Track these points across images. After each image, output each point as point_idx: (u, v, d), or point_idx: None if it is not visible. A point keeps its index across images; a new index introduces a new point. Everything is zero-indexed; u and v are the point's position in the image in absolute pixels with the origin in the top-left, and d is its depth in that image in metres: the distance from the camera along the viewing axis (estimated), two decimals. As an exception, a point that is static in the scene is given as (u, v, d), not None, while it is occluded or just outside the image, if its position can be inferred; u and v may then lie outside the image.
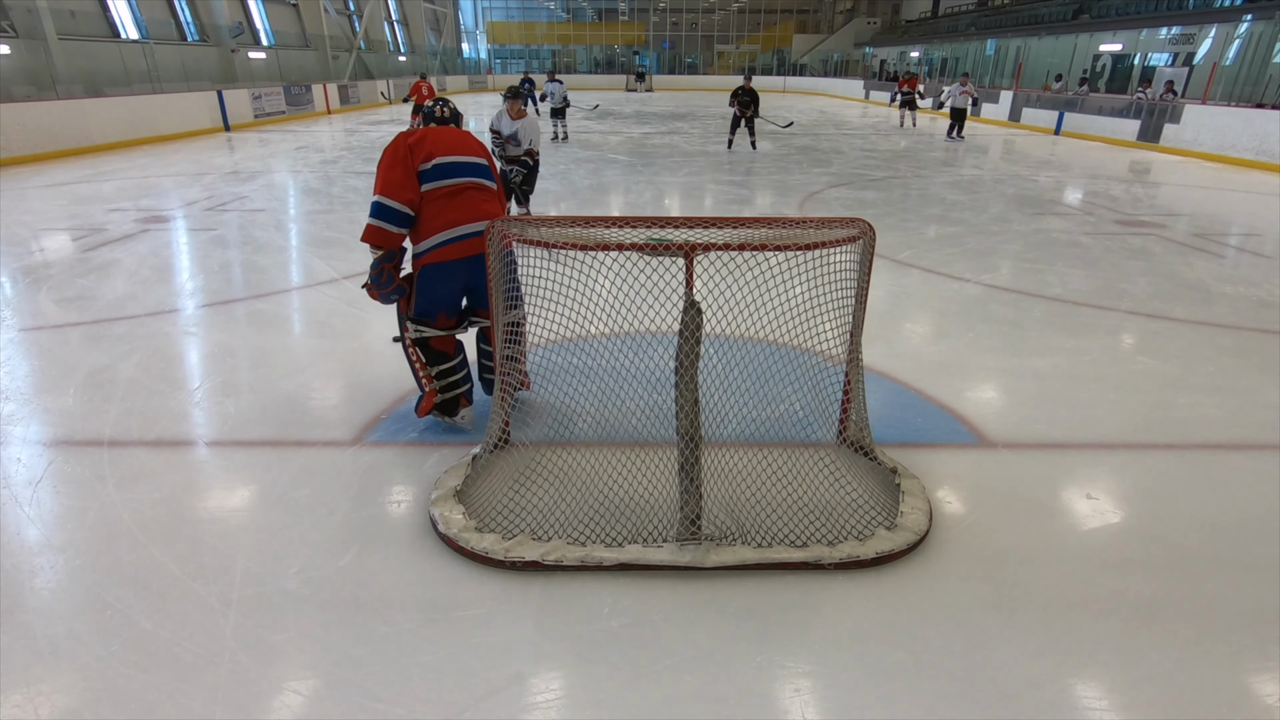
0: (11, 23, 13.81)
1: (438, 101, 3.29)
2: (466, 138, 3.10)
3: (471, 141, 3.11)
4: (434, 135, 2.99)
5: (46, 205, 7.93)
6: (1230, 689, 1.87)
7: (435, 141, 2.96)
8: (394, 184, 2.87)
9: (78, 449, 2.97)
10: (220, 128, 15.96)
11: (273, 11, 23.61)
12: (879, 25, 41.64)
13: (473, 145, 3.10)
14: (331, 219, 7.36)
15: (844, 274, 2.59)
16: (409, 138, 2.94)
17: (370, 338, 4.22)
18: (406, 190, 2.88)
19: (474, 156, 3.06)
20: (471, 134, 3.17)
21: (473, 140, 3.13)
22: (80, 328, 4.32)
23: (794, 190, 9.26)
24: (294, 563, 2.29)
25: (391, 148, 2.94)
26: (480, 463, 2.77)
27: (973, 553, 2.37)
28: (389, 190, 2.87)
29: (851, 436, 2.90)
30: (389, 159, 2.91)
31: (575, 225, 2.58)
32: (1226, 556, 2.37)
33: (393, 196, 2.87)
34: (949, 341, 4.24)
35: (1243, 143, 12.09)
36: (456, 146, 3.02)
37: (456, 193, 2.96)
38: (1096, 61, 21.81)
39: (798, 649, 1.98)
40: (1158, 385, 3.65)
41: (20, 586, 2.18)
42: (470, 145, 3.08)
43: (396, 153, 2.92)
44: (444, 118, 3.22)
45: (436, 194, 2.93)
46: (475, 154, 3.07)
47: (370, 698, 1.81)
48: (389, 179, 2.88)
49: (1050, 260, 5.96)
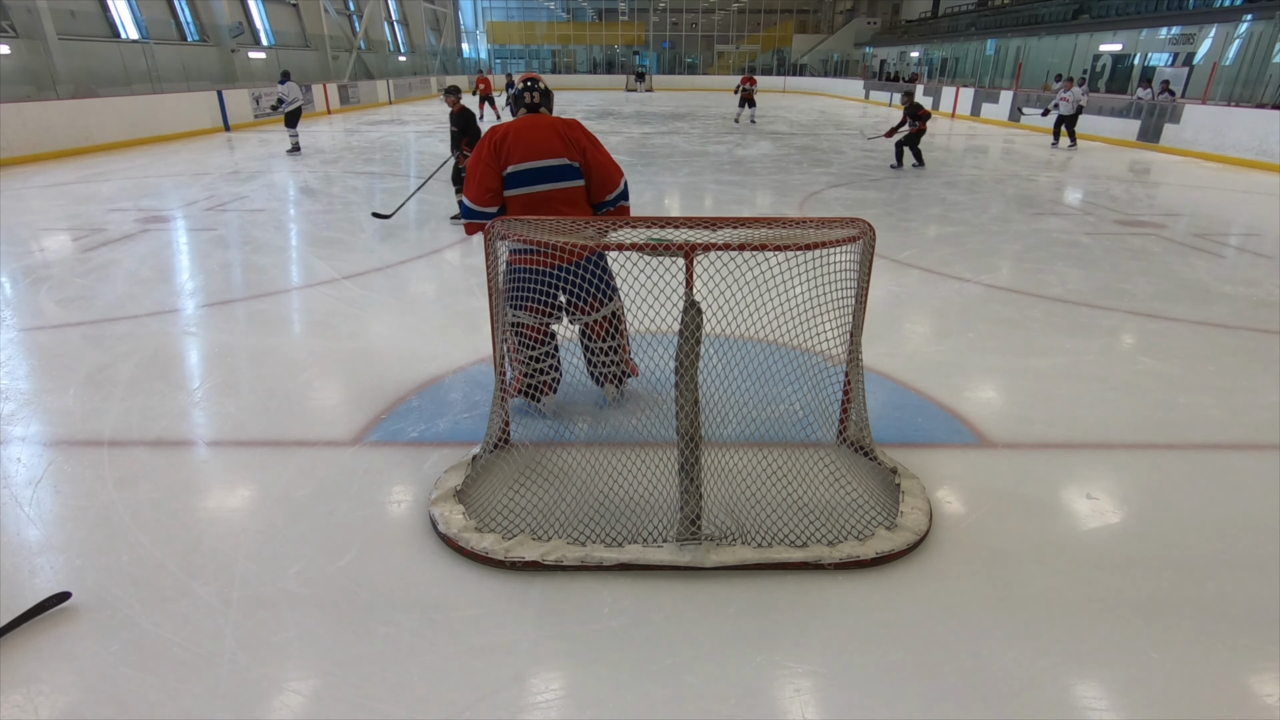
0: (11, 23, 13.82)
1: (527, 84, 3.10)
2: (550, 134, 2.96)
3: (554, 139, 2.95)
4: (516, 135, 2.92)
5: (46, 205, 7.93)
6: (1230, 689, 1.87)
7: (515, 143, 2.91)
8: (478, 188, 2.92)
9: (78, 449, 2.97)
10: (220, 128, 15.96)
11: (273, 11, 23.61)
12: (879, 25, 41.63)
13: (554, 144, 2.95)
14: (331, 219, 7.36)
15: (844, 274, 2.59)
16: (494, 135, 2.93)
17: (370, 338, 4.23)
18: (490, 193, 2.93)
19: (554, 158, 2.94)
20: (559, 125, 3.00)
21: (556, 136, 2.96)
22: (80, 328, 4.32)
23: (794, 190, 9.26)
24: (294, 563, 2.29)
25: (478, 146, 2.96)
26: (480, 463, 2.77)
27: (973, 553, 2.37)
28: (475, 195, 2.93)
29: (851, 436, 2.90)
30: (475, 158, 2.95)
31: (575, 225, 2.59)
32: (1226, 556, 2.37)
33: (477, 201, 2.92)
34: (949, 341, 4.24)
35: (1242, 143, 12.09)
36: (536, 149, 2.92)
37: (537, 203, 2.95)
38: (1096, 61, 21.81)
39: (798, 649, 1.98)
40: (1158, 385, 3.65)
41: (20, 586, 2.18)
42: (552, 144, 2.94)
43: (481, 153, 2.92)
44: (534, 104, 3.08)
45: (521, 200, 2.95)
46: (556, 154, 2.94)
47: (370, 698, 1.81)
48: (473, 181, 2.93)
49: (1050, 260, 5.96)
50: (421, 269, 5.68)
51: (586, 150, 3.01)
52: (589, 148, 3.02)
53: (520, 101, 3.10)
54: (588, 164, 3.01)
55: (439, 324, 4.48)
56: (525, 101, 3.09)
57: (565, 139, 2.97)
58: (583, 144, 3.00)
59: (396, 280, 5.35)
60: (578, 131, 3.01)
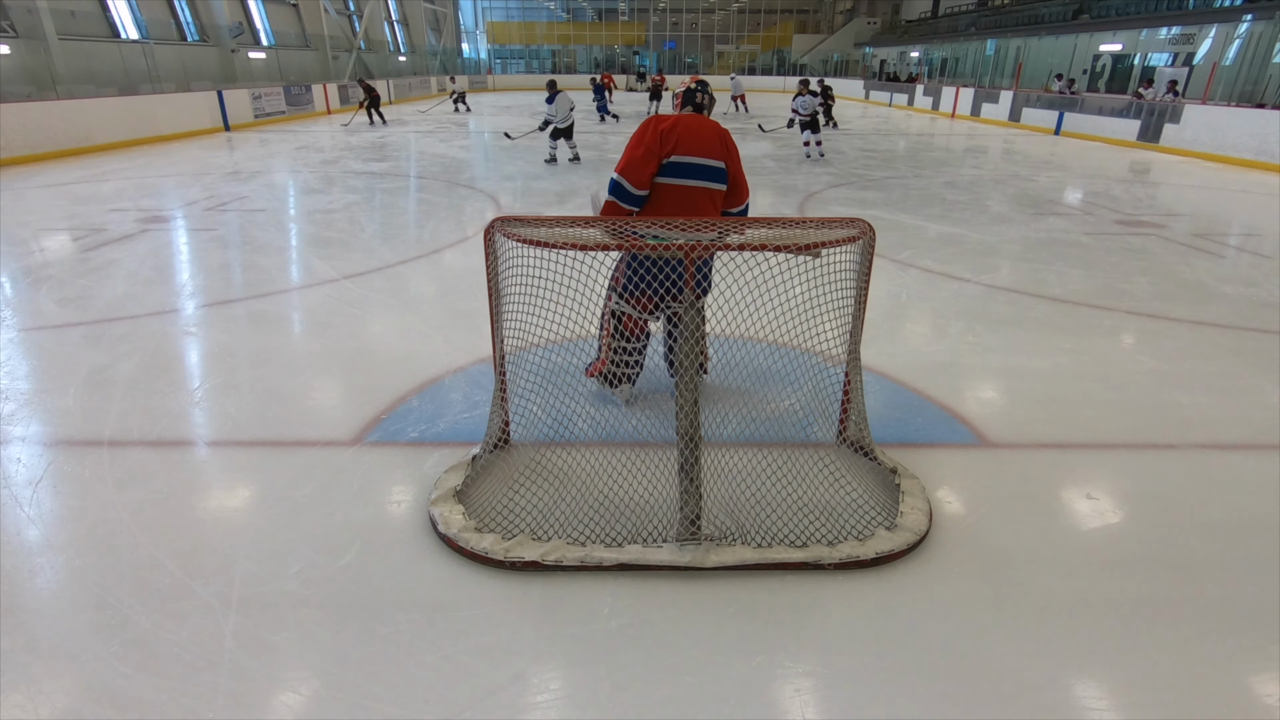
0: (11, 23, 13.81)
1: (700, 86, 3.20)
2: (714, 138, 3.03)
3: (717, 141, 3.03)
4: (685, 127, 2.96)
5: (46, 205, 7.93)
6: (1230, 689, 1.87)
7: (685, 135, 2.94)
8: (635, 162, 2.91)
9: (78, 449, 2.97)
10: (220, 128, 15.96)
11: (273, 11, 23.61)
12: (879, 25, 41.64)
13: (716, 147, 3.02)
14: (331, 219, 7.36)
15: (844, 274, 2.59)
16: (662, 123, 2.94)
17: (370, 338, 4.23)
18: (645, 171, 2.91)
19: (716, 160, 3.01)
20: (721, 130, 3.07)
21: (718, 139, 3.04)
22: (80, 328, 4.32)
23: (794, 190, 9.26)
24: (294, 563, 2.29)
25: (643, 127, 2.95)
26: (480, 463, 2.77)
27: (973, 553, 2.37)
28: (629, 170, 2.91)
29: (851, 436, 2.90)
30: (638, 138, 2.94)
31: (575, 225, 2.59)
32: (1226, 556, 2.37)
33: (630, 177, 2.91)
34: (949, 341, 4.24)
35: (1243, 143, 12.09)
36: (703, 147, 2.98)
37: (688, 195, 2.98)
38: (1096, 61, 21.81)
39: (798, 649, 1.98)
40: (1158, 385, 3.65)
41: (20, 586, 2.18)
42: (714, 147, 3.01)
43: (645, 134, 2.92)
44: (701, 105, 3.17)
45: (669, 189, 2.96)
46: (718, 156, 3.02)
47: (370, 698, 1.81)
48: (632, 157, 2.92)
49: (1050, 260, 5.96)
50: (421, 269, 5.68)
51: (734, 161, 3.10)
52: (736, 159, 3.12)
53: (690, 99, 3.18)
54: (733, 174, 3.11)
55: (439, 324, 4.48)
56: (695, 100, 3.17)
57: (724, 144, 3.06)
58: (734, 153, 3.10)
59: (396, 280, 5.35)
60: (731, 142, 3.11)
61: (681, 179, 2.98)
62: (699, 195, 3.03)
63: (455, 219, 7.53)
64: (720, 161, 3.04)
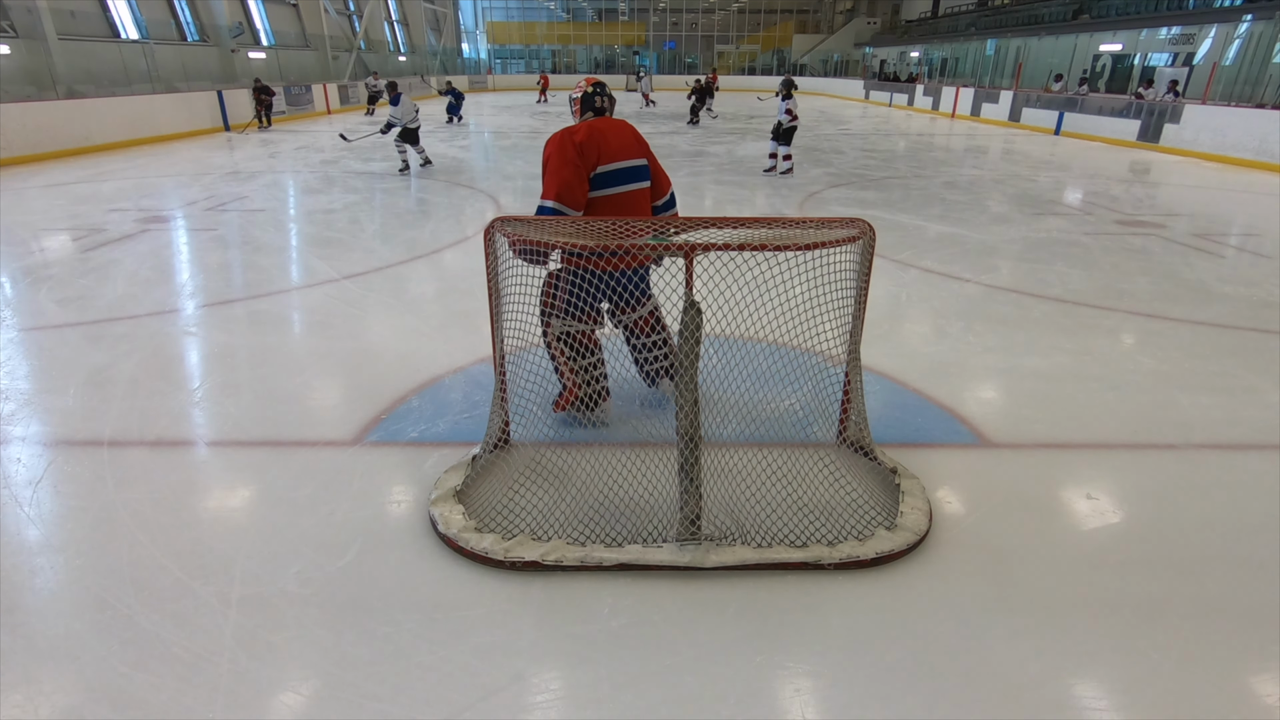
0: (11, 23, 13.80)
1: (597, 89, 3.09)
2: (629, 137, 3.01)
3: (632, 142, 3.01)
4: (599, 134, 2.89)
5: (46, 205, 7.93)
6: (1230, 689, 1.87)
7: (605, 142, 2.89)
8: (569, 184, 2.81)
9: (78, 449, 2.97)
10: (220, 128, 15.96)
11: (273, 11, 23.60)
12: (879, 25, 41.63)
13: (634, 146, 3.01)
14: (331, 219, 7.36)
15: (844, 274, 2.59)
16: (575, 136, 2.85)
17: (370, 338, 4.22)
18: (580, 191, 2.84)
19: (638, 158, 2.99)
20: (630, 127, 3.05)
21: (632, 139, 3.02)
22: (80, 328, 4.32)
23: (794, 190, 9.26)
24: (294, 563, 2.29)
25: (559, 147, 2.85)
26: (480, 463, 2.77)
27: (973, 553, 2.37)
28: (565, 193, 2.81)
29: (851, 436, 2.90)
30: (559, 159, 2.83)
31: (575, 225, 2.59)
32: (1226, 556, 2.37)
33: (566, 201, 2.82)
34: (949, 341, 4.24)
35: (1243, 143, 12.09)
36: (624, 149, 2.95)
37: (628, 200, 2.95)
38: (1096, 61, 21.81)
39: (798, 649, 1.98)
40: (1158, 385, 3.65)
41: (20, 586, 2.18)
42: (633, 146, 3.00)
43: (565, 153, 2.82)
44: (601, 108, 3.08)
45: (605, 202, 2.91)
46: (639, 154, 3.00)
47: (370, 698, 1.81)
48: (563, 179, 2.81)
49: (1050, 260, 5.96)
50: (421, 269, 5.68)
51: (651, 154, 3.09)
52: (650, 151, 3.10)
53: (589, 104, 3.07)
54: (653, 168, 3.09)
55: (439, 324, 4.48)
56: (595, 105, 3.07)
57: (639, 140, 3.04)
58: (647, 146, 3.08)
59: (396, 280, 5.35)
60: (641, 135, 3.10)
61: (615, 187, 2.93)
62: (636, 199, 2.98)
63: (455, 219, 7.53)
64: (642, 159, 3.02)
